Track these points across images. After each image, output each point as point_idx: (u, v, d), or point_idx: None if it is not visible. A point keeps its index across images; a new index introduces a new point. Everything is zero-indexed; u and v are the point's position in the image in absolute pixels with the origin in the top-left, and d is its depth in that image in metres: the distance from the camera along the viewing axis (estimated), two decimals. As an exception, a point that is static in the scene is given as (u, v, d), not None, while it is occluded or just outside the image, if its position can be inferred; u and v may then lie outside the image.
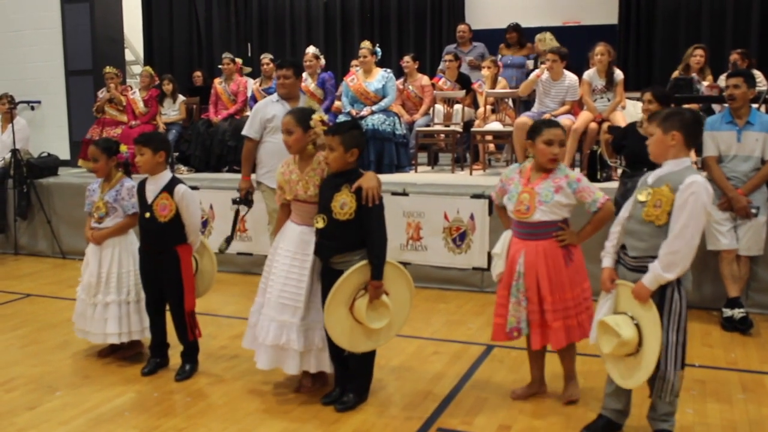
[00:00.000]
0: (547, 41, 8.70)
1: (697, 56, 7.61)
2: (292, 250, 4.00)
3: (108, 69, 8.93)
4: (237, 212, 6.14)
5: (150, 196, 4.38)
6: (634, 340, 3.30)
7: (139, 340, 4.80)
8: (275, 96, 5.82)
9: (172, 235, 4.36)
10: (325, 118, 4.00)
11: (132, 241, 4.71)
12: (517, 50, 9.54)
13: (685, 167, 3.31)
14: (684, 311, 3.31)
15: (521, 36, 9.59)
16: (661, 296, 3.28)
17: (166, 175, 4.41)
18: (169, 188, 4.35)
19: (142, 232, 4.47)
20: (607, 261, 3.55)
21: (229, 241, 5.78)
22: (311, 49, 8.41)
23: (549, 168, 3.81)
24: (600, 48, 7.11)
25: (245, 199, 5.91)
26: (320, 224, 3.83)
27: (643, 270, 3.32)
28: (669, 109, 3.60)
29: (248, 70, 9.76)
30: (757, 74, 7.38)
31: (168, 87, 8.99)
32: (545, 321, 3.81)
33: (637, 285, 3.32)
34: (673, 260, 3.21)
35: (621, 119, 6.84)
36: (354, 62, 8.89)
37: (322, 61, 8.48)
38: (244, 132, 5.83)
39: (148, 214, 4.36)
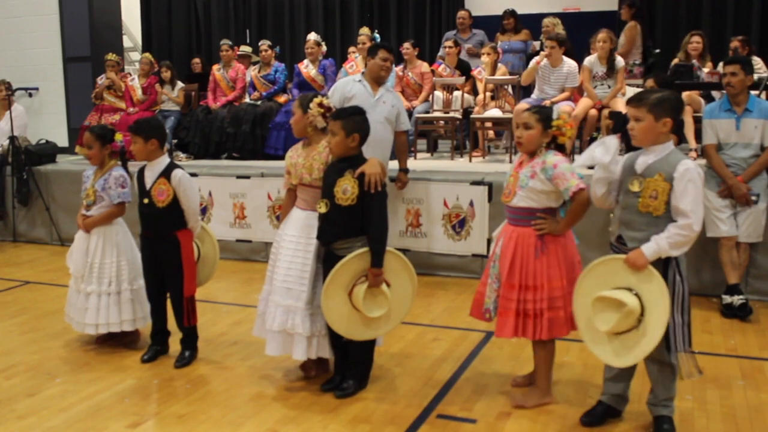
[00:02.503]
0: (559, 25, 8.71)
1: (693, 43, 7.45)
2: (296, 235, 3.99)
3: (110, 56, 8.90)
4: None
5: (148, 182, 4.38)
6: (638, 309, 3.22)
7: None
8: (358, 76, 5.85)
9: (171, 220, 4.35)
10: (325, 101, 4.00)
11: (117, 231, 4.67)
12: (512, 35, 9.52)
13: (670, 152, 3.30)
14: (686, 292, 3.32)
15: (517, 21, 9.58)
16: (663, 279, 3.26)
17: (163, 161, 4.40)
18: (167, 173, 4.34)
19: (142, 218, 4.46)
20: None
21: None
22: (313, 36, 8.37)
23: (533, 152, 3.67)
24: (602, 35, 7.09)
25: None
26: (323, 209, 3.83)
27: None
28: (651, 92, 3.40)
29: (248, 50, 9.71)
30: (757, 61, 7.35)
31: (166, 74, 8.96)
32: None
33: (634, 253, 3.24)
34: (680, 240, 3.19)
35: (621, 106, 6.81)
36: (352, 49, 8.84)
37: (324, 48, 8.44)
38: None
39: (146, 200, 4.36)
